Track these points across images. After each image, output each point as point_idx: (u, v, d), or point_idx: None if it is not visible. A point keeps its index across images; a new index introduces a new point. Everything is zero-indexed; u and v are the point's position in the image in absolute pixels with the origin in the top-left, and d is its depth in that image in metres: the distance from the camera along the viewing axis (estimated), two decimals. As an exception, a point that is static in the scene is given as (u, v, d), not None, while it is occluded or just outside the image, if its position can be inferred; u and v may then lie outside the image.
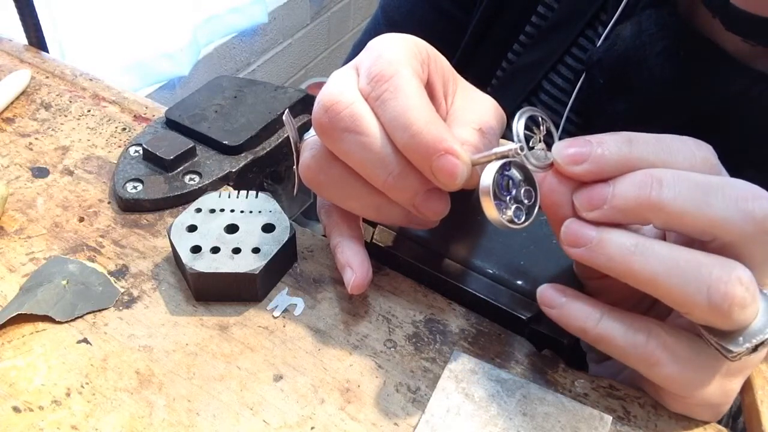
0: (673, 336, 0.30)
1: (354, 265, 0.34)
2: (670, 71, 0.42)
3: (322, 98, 0.32)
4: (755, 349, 0.28)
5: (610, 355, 0.31)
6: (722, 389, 0.31)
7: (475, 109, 0.35)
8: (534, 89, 0.52)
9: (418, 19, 0.59)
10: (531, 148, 0.30)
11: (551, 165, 0.30)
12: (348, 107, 0.31)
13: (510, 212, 0.31)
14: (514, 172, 0.31)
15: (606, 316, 0.30)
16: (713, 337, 0.28)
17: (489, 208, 0.30)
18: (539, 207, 0.31)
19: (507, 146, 0.30)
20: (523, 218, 0.31)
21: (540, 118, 0.31)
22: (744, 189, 0.27)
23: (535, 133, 0.30)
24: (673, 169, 0.28)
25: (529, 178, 0.31)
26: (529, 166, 0.30)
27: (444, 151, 0.30)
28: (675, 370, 0.30)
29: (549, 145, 0.31)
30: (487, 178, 0.30)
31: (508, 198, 0.31)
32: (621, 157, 0.28)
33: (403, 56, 0.32)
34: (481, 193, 0.30)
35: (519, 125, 0.30)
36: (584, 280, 0.34)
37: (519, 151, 0.30)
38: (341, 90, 0.32)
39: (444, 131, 0.30)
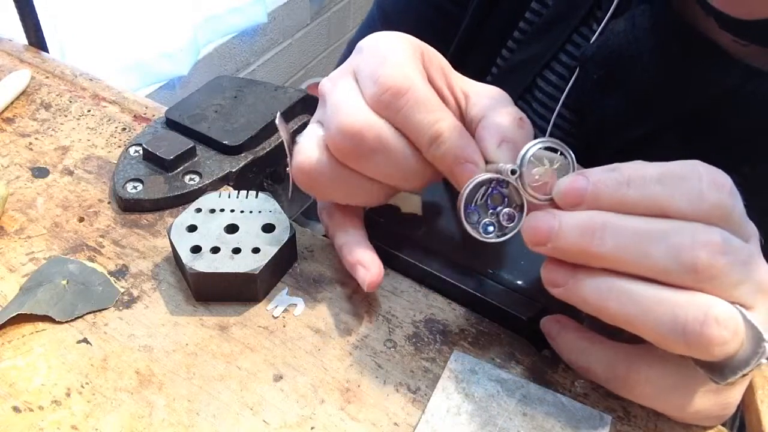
0: (656, 367, 0.30)
1: (365, 262, 0.34)
2: (663, 67, 0.42)
3: (342, 126, 0.32)
4: (744, 375, 0.27)
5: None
6: (718, 403, 0.31)
7: (495, 108, 0.35)
8: (529, 86, 0.52)
9: (414, 15, 0.59)
10: (536, 177, 0.30)
11: (551, 199, 0.30)
12: (370, 130, 0.32)
13: (480, 224, 0.32)
14: (512, 193, 0.31)
15: (590, 349, 0.32)
16: (701, 367, 0.28)
17: (458, 209, 0.32)
18: (517, 232, 0.31)
19: (507, 165, 0.31)
20: (492, 234, 0.32)
21: (560, 151, 0.31)
22: (689, 236, 0.26)
23: (545, 164, 0.30)
24: (674, 213, 0.27)
25: (521, 204, 0.31)
26: (522, 193, 0.31)
27: (464, 160, 0.32)
28: (661, 399, 0.31)
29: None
30: (468, 183, 0.31)
31: (490, 211, 0.32)
32: (616, 197, 0.28)
33: (409, 61, 0.33)
34: (459, 194, 0.32)
35: (526, 152, 0.30)
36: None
37: (510, 174, 0.30)
38: (357, 112, 0.32)
39: (468, 140, 0.32)
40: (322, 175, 0.34)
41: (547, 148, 0.30)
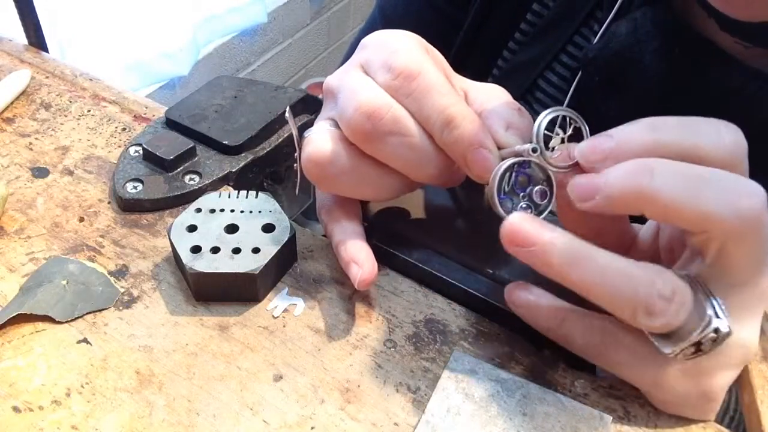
0: (632, 336, 0.31)
1: (359, 260, 0.34)
2: (665, 69, 0.42)
3: (360, 106, 0.32)
4: (698, 350, 0.28)
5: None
6: (697, 388, 0.31)
7: (494, 101, 0.35)
8: (530, 87, 0.52)
9: (415, 17, 0.59)
10: (553, 148, 0.31)
11: (576, 164, 0.30)
12: (389, 111, 0.32)
13: (517, 209, 0.32)
14: (535, 171, 0.31)
15: (568, 317, 0.32)
16: (652, 337, 0.30)
17: (492, 202, 0.32)
18: (553, 205, 0.32)
19: (525, 146, 0.31)
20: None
21: (568, 118, 0.31)
22: (738, 185, 0.27)
23: (558, 134, 0.30)
24: (701, 153, 0.28)
25: (548, 178, 0.32)
26: (546, 167, 0.31)
27: (478, 145, 0.31)
28: (634, 367, 0.31)
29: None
30: (495, 173, 0.31)
31: (521, 194, 0.32)
32: (644, 145, 0.28)
33: (419, 50, 0.33)
34: (488, 187, 0.32)
35: (539, 125, 0.30)
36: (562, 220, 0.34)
37: (531, 153, 0.30)
38: (375, 94, 0.32)
39: (479, 124, 0.32)
40: (334, 165, 0.34)
41: (553, 119, 0.30)
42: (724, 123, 0.29)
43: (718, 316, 0.28)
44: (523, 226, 0.29)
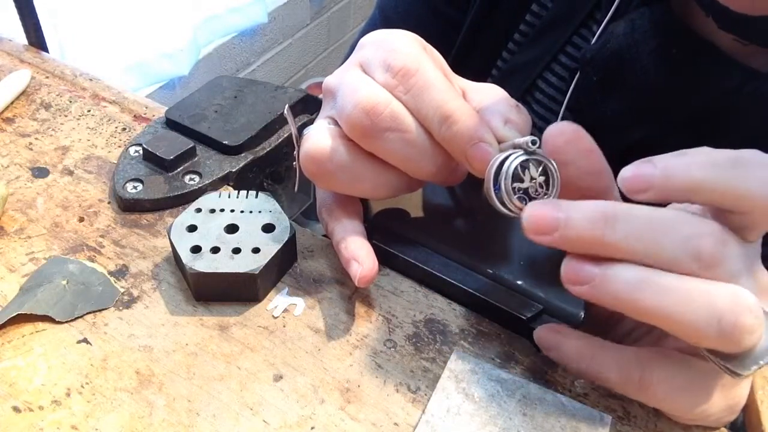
0: (667, 367, 0.30)
1: (360, 257, 0.34)
2: (663, 69, 0.42)
3: (359, 102, 0.32)
4: (760, 366, 0.27)
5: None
6: (726, 402, 0.31)
7: (493, 99, 0.35)
8: (529, 88, 0.52)
9: (415, 19, 0.59)
10: None
11: None
12: (388, 107, 0.32)
13: (513, 201, 0.31)
14: (533, 164, 0.31)
15: (597, 354, 0.31)
16: (719, 360, 0.28)
17: (488, 194, 0.32)
18: (555, 197, 0.31)
19: (523, 138, 0.31)
20: None
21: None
22: (694, 226, 0.26)
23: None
24: (746, 203, 0.26)
25: (547, 171, 0.31)
26: (544, 159, 0.31)
27: (478, 139, 0.31)
28: (673, 399, 0.30)
29: None
30: (491, 165, 0.31)
31: (515, 188, 0.31)
32: (693, 182, 0.26)
33: (417, 47, 0.33)
34: (485, 179, 0.32)
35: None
36: None
37: (530, 144, 0.30)
38: (374, 91, 0.33)
39: (478, 120, 0.32)
40: (331, 161, 0.34)
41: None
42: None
43: None
44: (572, 263, 0.28)
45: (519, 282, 0.36)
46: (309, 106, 0.50)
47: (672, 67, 0.42)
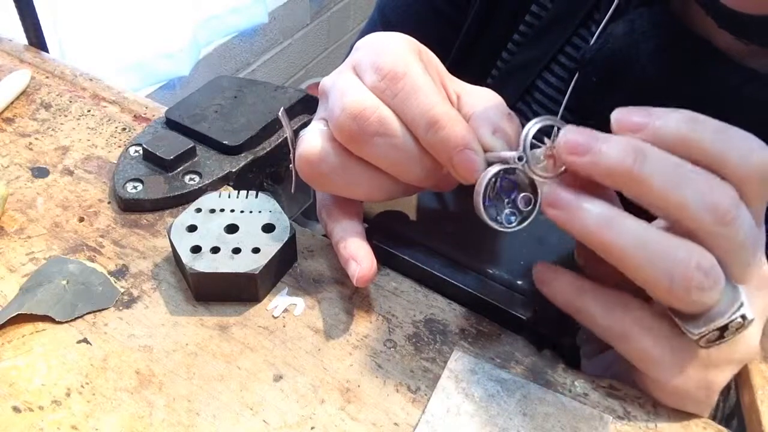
0: (653, 315, 0.31)
1: (359, 257, 0.34)
2: (662, 69, 0.42)
3: (346, 107, 0.32)
4: (721, 335, 0.28)
5: (593, 332, 0.32)
6: (703, 380, 0.31)
7: (484, 105, 0.35)
8: (529, 88, 0.52)
9: (414, 19, 0.59)
10: (540, 157, 0.31)
11: (564, 172, 0.30)
12: (375, 112, 0.32)
13: (502, 214, 0.32)
14: (521, 177, 0.31)
15: (589, 292, 0.32)
16: (678, 319, 0.29)
17: (478, 208, 0.32)
18: (537, 213, 0.32)
19: (510, 153, 0.31)
20: (514, 222, 0.32)
21: (556, 128, 0.31)
22: (711, 181, 0.27)
23: (545, 143, 0.30)
24: (726, 164, 0.28)
25: (533, 186, 0.32)
26: (531, 175, 0.31)
27: (463, 146, 0.31)
28: (647, 345, 0.31)
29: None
30: (481, 180, 0.31)
31: (505, 201, 0.32)
32: (679, 134, 0.28)
33: (407, 52, 0.33)
34: (474, 193, 0.32)
35: (526, 134, 0.30)
36: (583, 269, 0.34)
37: (517, 161, 0.30)
38: (362, 96, 0.33)
39: (465, 126, 0.32)
40: (324, 163, 0.34)
41: (542, 129, 0.30)
42: (759, 143, 0.28)
43: (743, 303, 0.28)
44: (560, 196, 0.29)
45: (519, 282, 0.36)
46: (309, 106, 0.50)
47: (671, 68, 0.42)
